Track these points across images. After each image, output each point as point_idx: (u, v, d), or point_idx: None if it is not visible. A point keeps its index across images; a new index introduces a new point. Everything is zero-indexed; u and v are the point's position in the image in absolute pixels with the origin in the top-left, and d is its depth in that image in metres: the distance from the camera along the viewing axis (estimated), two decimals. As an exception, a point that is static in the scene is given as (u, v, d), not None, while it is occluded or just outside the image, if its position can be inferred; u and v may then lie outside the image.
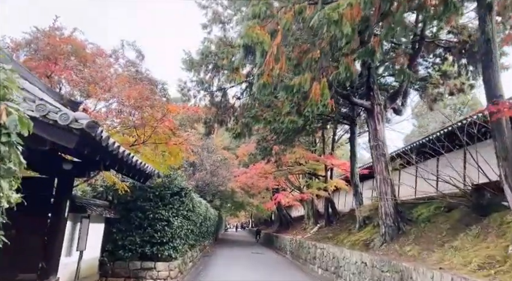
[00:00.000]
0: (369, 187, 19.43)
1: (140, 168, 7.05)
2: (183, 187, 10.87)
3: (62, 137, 4.68)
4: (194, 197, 12.78)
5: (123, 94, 7.89)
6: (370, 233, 13.56)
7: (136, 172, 7.40)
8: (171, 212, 10.46)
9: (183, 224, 11.20)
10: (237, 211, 42.97)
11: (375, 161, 12.10)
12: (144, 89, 8.34)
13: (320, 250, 15.59)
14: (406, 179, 13.01)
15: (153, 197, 10.37)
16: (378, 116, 12.08)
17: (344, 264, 12.15)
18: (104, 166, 6.68)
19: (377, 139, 12.00)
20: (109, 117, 8.77)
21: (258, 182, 23.94)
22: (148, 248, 10.10)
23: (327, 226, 20.93)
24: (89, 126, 4.46)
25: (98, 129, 4.57)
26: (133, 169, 6.98)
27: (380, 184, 11.88)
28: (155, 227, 10.20)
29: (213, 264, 16.26)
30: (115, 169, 7.16)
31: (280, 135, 16.09)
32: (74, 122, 4.49)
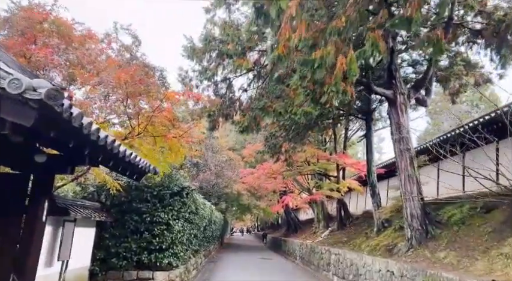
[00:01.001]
0: (384, 188, 18.21)
1: (131, 161, 5.87)
2: (185, 186, 9.71)
3: (17, 113, 3.52)
4: (197, 198, 11.61)
5: (112, 77, 6.75)
6: (391, 237, 12.29)
7: (126, 166, 6.23)
8: (171, 215, 9.29)
9: (185, 228, 10.03)
10: (243, 214, 41.72)
11: (398, 156, 10.86)
12: (137, 71, 7.19)
13: (335, 256, 14.31)
14: (425, 178, 11.74)
15: (150, 197, 9.21)
16: (401, 107, 10.85)
17: (365, 272, 10.88)
18: (89, 160, 5.55)
19: (401, 132, 10.76)
20: (97, 105, 7.61)
21: (265, 183, 22.72)
22: (146, 255, 8.93)
23: (340, 229, 19.64)
24: (49, 96, 3.28)
25: (62, 101, 3.40)
26: (122, 162, 5.81)
27: (404, 182, 10.63)
28: (153, 232, 9.03)
29: (220, 271, 15.04)
30: (101, 163, 6.02)
31: (290, 131, 14.90)
32: (30, 91, 3.33)
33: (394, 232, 12.63)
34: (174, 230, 9.28)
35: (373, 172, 14.79)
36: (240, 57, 9.88)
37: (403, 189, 10.65)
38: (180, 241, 9.69)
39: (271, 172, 19.48)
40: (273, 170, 19.26)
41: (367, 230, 15.63)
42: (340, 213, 19.96)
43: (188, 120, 11.88)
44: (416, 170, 10.68)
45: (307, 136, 15.26)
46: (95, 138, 4.47)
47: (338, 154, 18.76)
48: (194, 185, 17.42)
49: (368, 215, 19.17)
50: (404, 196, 10.61)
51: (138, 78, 6.96)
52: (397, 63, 10.99)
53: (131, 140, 8.49)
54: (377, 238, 13.09)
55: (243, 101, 12.72)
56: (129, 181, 9.27)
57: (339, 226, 19.83)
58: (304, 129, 14.79)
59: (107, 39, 9.20)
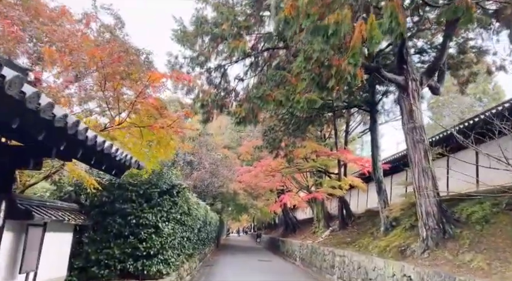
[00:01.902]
0: (388, 184, 17.28)
1: (105, 152, 4.82)
2: (175, 183, 8.64)
3: None
4: (190, 197, 10.54)
5: (85, 53, 5.68)
6: (401, 237, 11.31)
7: (101, 158, 5.18)
8: (160, 216, 8.22)
9: (176, 231, 8.96)
10: (239, 214, 40.61)
11: (411, 148, 9.88)
12: (115, 48, 6.11)
13: (340, 258, 13.32)
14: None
15: (136, 197, 8.13)
16: (414, 94, 9.89)
17: (375, 276, 9.89)
18: (57, 152, 4.49)
19: (413, 122, 9.79)
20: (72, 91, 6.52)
21: (263, 181, 21.68)
22: (131, 263, 7.85)
23: (341, 229, 18.68)
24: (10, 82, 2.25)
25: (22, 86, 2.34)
26: (95, 152, 4.76)
27: (418, 176, 9.66)
28: (140, 236, 7.95)
29: (216, 276, 13.98)
30: (73, 156, 4.97)
31: (289, 125, 13.90)
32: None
33: (405, 231, 11.67)
34: (164, 234, 8.21)
35: (379, 167, 13.83)
36: (235, 38, 8.84)
37: (417, 184, 9.68)
38: (171, 246, 8.62)
39: (270, 169, 18.44)
40: (271, 167, 18.22)
41: (373, 229, 14.67)
42: (341, 212, 19.00)
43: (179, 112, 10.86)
44: (431, 163, 9.71)
45: (307, 130, 14.24)
46: (62, 126, 3.45)
47: (340, 150, 17.77)
48: (188, 184, 16.35)
49: (371, 213, 18.23)
50: (418, 192, 9.64)
51: (116, 56, 5.88)
52: (409, 46, 9.99)
53: (111, 131, 7.41)
54: (385, 239, 12.11)
55: (239, 92, 11.68)
56: (111, 178, 8.20)
57: (341, 226, 18.87)
58: (304, 122, 13.83)
59: (85, 19, 8.09)
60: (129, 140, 9.24)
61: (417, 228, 11.14)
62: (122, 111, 7.21)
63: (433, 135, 11.36)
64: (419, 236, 9.51)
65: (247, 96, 11.08)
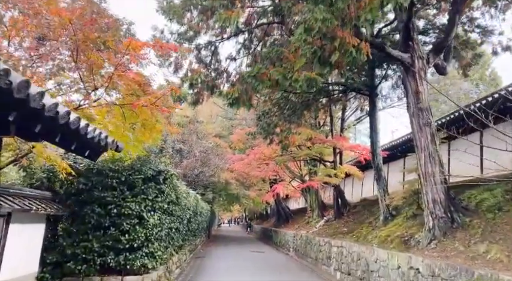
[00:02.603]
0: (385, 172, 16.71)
1: (74, 127, 3.99)
2: (162, 169, 7.82)
3: None
4: (179, 185, 9.73)
5: (50, 13, 4.79)
6: (403, 227, 10.71)
7: (70, 135, 4.36)
8: (145, 206, 7.42)
9: (163, 222, 8.17)
10: (231, 205, 39.97)
11: (417, 132, 9.19)
12: (87, 9, 5.22)
13: (337, 249, 12.71)
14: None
15: (117, 184, 7.30)
16: (420, 73, 9.17)
17: (378, 268, 9.27)
18: (17, 129, 3.68)
19: (420, 103, 9.09)
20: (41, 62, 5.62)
21: (256, 170, 20.92)
22: (112, 257, 7.06)
23: (337, 218, 18.09)
24: None
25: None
26: (60, 127, 3.94)
27: (425, 162, 8.99)
28: (121, 227, 7.16)
29: (207, 269, 13.27)
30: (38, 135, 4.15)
31: (285, 110, 13.13)
32: None
33: (406, 220, 11.07)
34: (149, 225, 7.43)
35: (379, 154, 13.17)
36: (228, 8, 7.97)
37: (423, 170, 9.02)
38: (157, 238, 7.84)
39: (263, 157, 17.68)
40: (264, 155, 17.46)
41: (370, 219, 14.09)
42: (337, 201, 18.40)
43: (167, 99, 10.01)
44: (439, 148, 9.05)
45: (303, 116, 13.49)
46: (23, 98, 2.68)
47: (336, 137, 17.09)
48: (177, 173, 15.54)
49: (367, 202, 17.69)
50: (424, 179, 8.98)
51: (88, 19, 5.00)
52: (415, 22, 9.23)
53: (87, 110, 6.55)
54: (385, 228, 11.51)
55: (232, 72, 10.83)
56: (89, 163, 7.36)
57: (336, 215, 18.29)
58: (301, 107, 13.06)
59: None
60: (110, 121, 8.38)
61: (420, 217, 10.57)
62: (98, 87, 6.34)
63: (437, 119, 10.66)
64: (425, 225, 8.89)
65: (240, 76, 10.22)
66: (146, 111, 7.90)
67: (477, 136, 9.83)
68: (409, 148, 14.70)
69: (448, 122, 10.20)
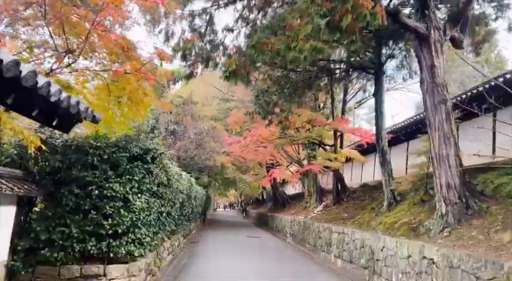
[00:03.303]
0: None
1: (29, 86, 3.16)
2: (150, 147, 7.01)
3: None
4: (169, 166, 8.93)
5: None
6: (410, 213, 10.06)
7: (30, 98, 3.53)
8: (130, 187, 6.64)
9: (152, 205, 7.41)
10: (227, 189, 39.38)
11: (430, 111, 8.42)
12: None
13: (338, 235, 12.08)
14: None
15: (99, 162, 6.49)
16: (436, 46, 8.34)
17: (384, 257, 8.62)
18: None
19: (435, 78, 8.28)
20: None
21: (252, 153, 20.16)
22: (94, 243, 6.31)
23: (336, 204, 17.49)
24: None
25: None
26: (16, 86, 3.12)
27: (439, 143, 8.25)
28: (104, 211, 6.39)
29: (201, 254, 12.64)
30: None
31: (285, 89, 12.27)
32: None
33: (413, 206, 10.42)
34: (135, 208, 6.66)
35: (384, 136, 12.42)
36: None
37: (436, 152, 8.27)
38: (145, 222, 7.09)
39: (261, 140, 16.88)
40: (262, 137, 16.66)
41: (373, 204, 13.45)
42: (336, 186, 17.76)
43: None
44: (454, 127, 8.30)
45: (305, 95, 12.65)
46: None
47: (337, 119, 16.30)
48: (170, 154, 14.73)
49: (368, 188, 17.07)
50: (437, 162, 8.25)
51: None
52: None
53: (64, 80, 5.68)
54: (390, 214, 10.85)
55: (229, 46, 9.91)
56: (67, 139, 6.53)
57: (335, 201, 17.68)
58: (303, 85, 12.21)
59: None
60: (93, 95, 7.56)
61: (428, 203, 9.93)
62: (74, 50, 5.46)
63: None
64: (437, 211, 8.21)
65: (238, 49, 9.34)
66: (132, 81, 7.06)
67: (487, 119, 9.12)
68: (413, 131, 14.02)
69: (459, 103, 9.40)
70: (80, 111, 4.25)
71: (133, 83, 7.28)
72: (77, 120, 4.62)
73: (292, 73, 12.55)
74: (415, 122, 13.61)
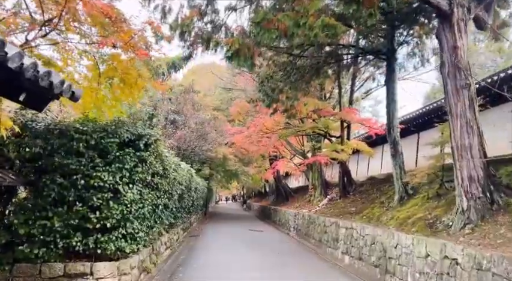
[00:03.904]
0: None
1: None
2: (142, 133, 6.32)
3: None
4: (166, 154, 8.25)
5: None
6: (425, 208, 9.36)
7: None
8: (121, 177, 5.98)
9: (146, 197, 6.76)
10: (229, 182, 38.76)
11: (452, 96, 7.67)
12: None
13: (346, 230, 11.43)
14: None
15: (85, 149, 5.82)
16: (460, 25, 7.55)
17: (398, 255, 7.96)
18: None
19: (457, 61, 7.52)
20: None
21: (255, 146, 19.46)
22: (79, 239, 5.68)
23: (342, 197, 16.82)
24: None
25: None
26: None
27: (460, 132, 7.51)
28: (91, 203, 5.74)
29: (200, 249, 12.04)
30: None
31: (291, 74, 11.53)
32: None
33: (427, 200, 9.72)
34: (126, 200, 6.01)
35: (396, 126, 11.67)
36: None
37: (458, 142, 7.54)
38: (138, 216, 6.44)
39: (265, 130, 16.15)
40: (266, 127, 15.94)
41: (382, 198, 12.76)
42: (343, 179, 17.06)
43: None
44: (478, 115, 7.55)
45: (312, 82, 11.90)
46: None
47: (345, 109, 15.55)
48: (169, 144, 14.08)
49: (375, 181, 16.38)
50: (459, 152, 7.53)
51: None
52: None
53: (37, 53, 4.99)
54: (402, 209, 10.17)
55: (231, 26, 9.15)
56: (50, 122, 5.85)
57: (341, 194, 17.00)
58: (310, 71, 11.46)
59: None
60: (81, 75, 6.86)
61: (445, 197, 9.23)
62: (54, 17, 4.75)
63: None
64: (457, 206, 7.50)
65: (241, 29, 8.61)
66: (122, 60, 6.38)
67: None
68: (425, 122, 13.30)
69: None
70: (54, 85, 3.57)
71: (124, 62, 6.60)
72: (52, 97, 3.95)
73: (298, 59, 11.81)
74: (427, 112, 12.89)
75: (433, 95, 24.83)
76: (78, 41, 5.18)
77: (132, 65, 6.81)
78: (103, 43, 4.98)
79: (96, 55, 6.76)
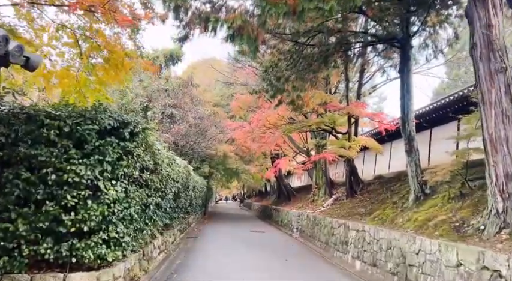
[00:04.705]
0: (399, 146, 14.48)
1: None
2: (128, 120, 5.37)
3: None
4: (157, 146, 7.27)
5: None
6: (446, 209, 8.44)
7: None
8: (101, 171, 5.03)
9: (132, 195, 5.80)
10: (229, 180, 37.80)
11: (484, 82, 6.71)
12: None
13: (356, 233, 10.49)
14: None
15: (58, 137, 4.87)
16: (494, 0, 6.62)
17: (421, 262, 7.01)
18: None
19: (491, 42, 6.57)
20: None
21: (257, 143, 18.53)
22: (49, 245, 4.73)
23: (349, 197, 15.90)
24: None
25: None
26: None
27: (495, 122, 6.56)
28: (64, 201, 4.79)
29: (199, 252, 11.10)
30: None
31: (298, 62, 10.59)
32: None
33: (448, 201, 8.79)
34: (108, 199, 5.06)
35: (411, 119, 10.71)
36: None
37: (492, 134, 6.58)
38: (123, 217, 5.49)
39: (268, 125, 15.19)
40: (269, 122, 14.98)
41: (394, 198, 11.84)
42: (350, 178, 16.12)
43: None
44: None
45: (321, 71, 10.95)
46: None
47: (353, 103, 14.60)
48: (165, 138, 13.14)
49: (384, 180, 15.46)
50: (493, 146, 6.58)
51: None
52: None
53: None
54: (420, 210, 9.23)
55: (233, 6, 8.20)
56: (14, 106, 4.90)
57: (348, 194, 16.07)
58: (319, 58, 10.51)
59: None
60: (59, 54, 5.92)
61: (470, 197, 8.31)
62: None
63: None
64: (490, 208, 6.55)
65: (244, 8, 7.66)
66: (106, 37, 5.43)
67: None
68: (438, 117, 12.38)
69: None
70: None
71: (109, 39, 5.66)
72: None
73: (305, 47, 10.87)
74: (442, 106, 11.99)
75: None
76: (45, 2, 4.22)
77: (118, 43, 5.86)
78: (74, 5, 4.04)
79: (77, 31, 5.83)
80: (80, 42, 5.91)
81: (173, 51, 17.90)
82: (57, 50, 5.98)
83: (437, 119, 12.56)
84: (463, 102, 10.98)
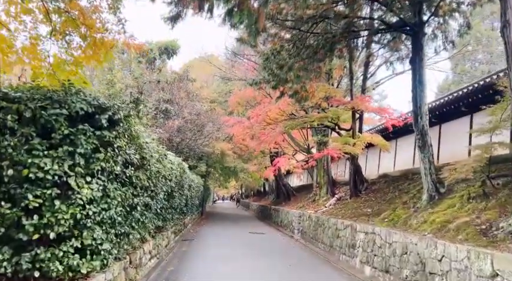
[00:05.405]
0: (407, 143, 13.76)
1: None
2: (105, 105, 4.49)
3: None
4: (147, 140, 6.40)
5: None
6: (468, 209, 7.63)
7: None
8: (72, 165, 4.15)
9: (113, 195, 4.91)
10: (227, 180, 36.90)
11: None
12: None
13: (365, 236, 9.66)
14: None
15: (16, 124, 3.99)
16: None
17: (445, 271, 6.17)
18: None
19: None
20: None
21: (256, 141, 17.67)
22: (6, 256, 3.86)
23: (353, 196, 15.10)
24: None
25: None
26: None
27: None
28: (25, 202, 3.91)
29: (194, 257, 10.24)
30: None
31: (302, 49, 9.74)
32: None
33: (468, 201, 7.97)
34: (81, 199, 4.19)
35: (424, 112, 9.87)
36: None
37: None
38: (101, 221, 4.62)
39: (268, 120, 14.33)
40: (269, 117, 14.12)
41: (404, 198, 11.04)
42: (354, 177, 15.30)
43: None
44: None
45: (328, 59, 10.11)
46: None
47: (358, 97, 13.76)
48: (158, 133, 12.24)
49: (389, 179, 14.68)
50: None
51: None
52: None
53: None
54: (436, 211, 8.40)
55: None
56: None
57: (352, 193, 15.26)
58: (325, 45, 9.66)
59: None
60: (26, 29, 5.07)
61: (495, 196, 7.49)
62: None
63: None
64: (524, 209, 5.74)
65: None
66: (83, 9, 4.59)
67: None
68: (448, 112, 11.62)
69: None
70: None
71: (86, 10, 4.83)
72: None
73: (309, 35, 10.03)
74: (453, 99, 11.21)
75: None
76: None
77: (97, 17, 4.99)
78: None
79: (49, 3, 4.97)
80: (51, 15, 5.04)
81: (168, 43, 17.07)
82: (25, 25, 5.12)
83: (448, 114, 11.81)
84: (478, 95, 10.23)
